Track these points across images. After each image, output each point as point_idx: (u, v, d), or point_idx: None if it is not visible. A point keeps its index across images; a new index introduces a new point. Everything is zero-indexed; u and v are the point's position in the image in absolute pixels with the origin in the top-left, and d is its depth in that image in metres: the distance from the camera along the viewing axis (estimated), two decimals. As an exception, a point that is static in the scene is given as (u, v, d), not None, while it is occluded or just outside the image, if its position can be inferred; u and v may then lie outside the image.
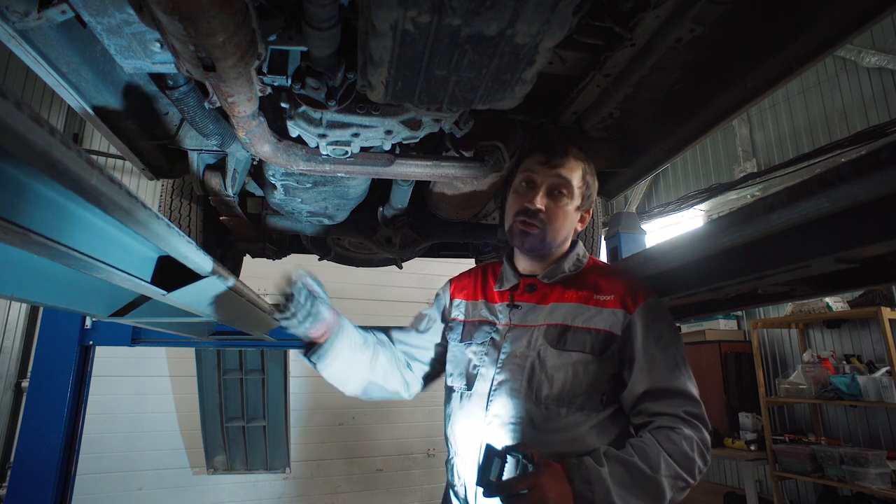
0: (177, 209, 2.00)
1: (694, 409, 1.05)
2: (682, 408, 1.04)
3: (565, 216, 1.18)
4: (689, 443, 1.00)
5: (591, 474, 0.93)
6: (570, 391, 1.08)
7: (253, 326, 1.94)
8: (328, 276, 4.54)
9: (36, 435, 2.00)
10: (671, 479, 0.97)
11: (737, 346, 5.10)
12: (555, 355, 1.10)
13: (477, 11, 0.80)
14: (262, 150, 1.27)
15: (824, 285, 1.21)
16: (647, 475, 0.95)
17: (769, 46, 1.10)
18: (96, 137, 5.25)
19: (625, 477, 0.95)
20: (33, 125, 0.46)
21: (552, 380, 1.09)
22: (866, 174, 0.65)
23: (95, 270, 0.83)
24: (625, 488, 0.94)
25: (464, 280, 1.38)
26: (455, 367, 1.25)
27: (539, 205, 1.15)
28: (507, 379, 1.12)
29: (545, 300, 1.18)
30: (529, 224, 1.16)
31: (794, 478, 4.22)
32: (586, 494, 0.92)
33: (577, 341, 1.10)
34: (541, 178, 1.18)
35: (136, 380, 4.76)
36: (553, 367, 1.09)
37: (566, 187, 1.17)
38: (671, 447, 0.98)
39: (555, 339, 1.12)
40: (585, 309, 1.13)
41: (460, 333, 1.27)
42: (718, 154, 5.75)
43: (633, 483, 0.95)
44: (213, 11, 0.68)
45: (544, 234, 1.16)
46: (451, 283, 1.39)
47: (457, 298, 1.34)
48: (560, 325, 1.13)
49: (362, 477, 5.37)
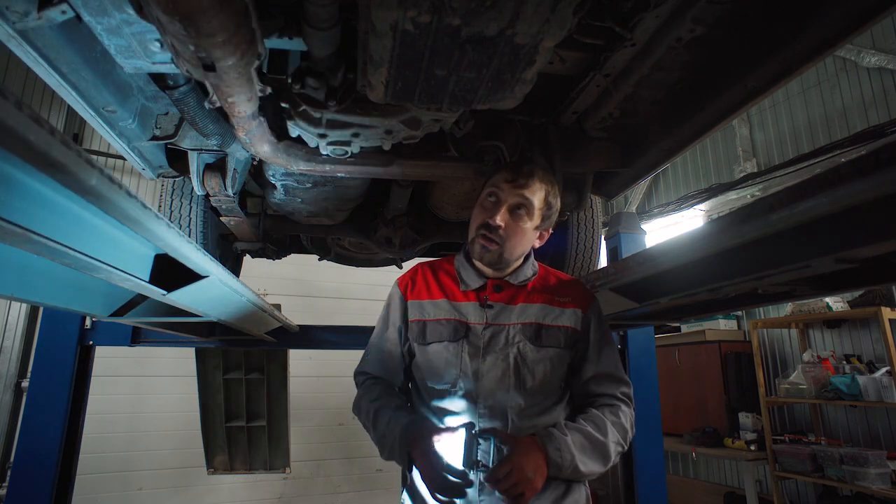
0: (177, 209, 2.00)
1: (628, 391, 1.29)
2: (618, 389, 1.27)
3: (523, 234, 1.25)
4: (626, 417, 1.23)
5: (559, 442, 1.11)
6: (548, 381, 1.24)
7: (253, 326, 1.94)
8: (328, 276, 4.55)
9: (36, 435, 2.00)
10: (615, 445, 1.17)
11: (737, 346, 5.10)
12: (534, 350, 1.23)
13: (477, 11, 0.80)
14: (262, 150, 1.27)
15: (824, 285, 1.21)
16: (600, 441, 1.15)
17: (769, 46, 1.11)
18: (96, 137, 5.25)
19: (584, 443, 1.14)
20: (33, 125, 0.46)
21: (534, 372, 1.22)
22: (866, 174, 0.65)
23: (96, 270, 0.83)
24: (583, 452, 1.13)
25: (414, 282, 1.35)
26: (429, 368, 1.25)
27: (499, 221, 1.22)
28: (494, 374, 1.21)
29: (514, 301, 1.28)
30: (489, 240, 1.23)
31: (794, 478, 4.22)
32: (557, 459, 1.09)
33: (552, 337, 1.25)
34: (504, 196, 1.23)
35: (136, 380, 4.76)
36: (533, 361, 1.23)
37: (527, 207, 1.23)
38: (614, 419, 1.20)
39: (533, 335, 1.24)
40: (552, 309, 1.28)
41: (425, 334, 1.27)
42: (718, 154, 5.75)
43: (590, 447, 1.14)
44: (213, 11, 0.68)
45: (502, 251, 1.24)
46: (400, 287, 1.36)
47: (412, 299, 1.32)
48: (535, 324, 1.25)
49: (362, 477, 5.37)
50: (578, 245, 2.36)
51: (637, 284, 1.49)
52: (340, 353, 5.18)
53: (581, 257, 2.37)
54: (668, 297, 1.43)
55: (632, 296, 1.58)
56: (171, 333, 2.06)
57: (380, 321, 1.38)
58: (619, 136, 1.61)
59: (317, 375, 5.21)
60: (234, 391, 3.18)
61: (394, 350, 1.33)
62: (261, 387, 3.19)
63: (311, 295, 5.41)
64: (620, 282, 1.49)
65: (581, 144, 1.58)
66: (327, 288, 5.48)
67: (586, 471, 1.12)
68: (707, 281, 1.22)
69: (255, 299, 1.54)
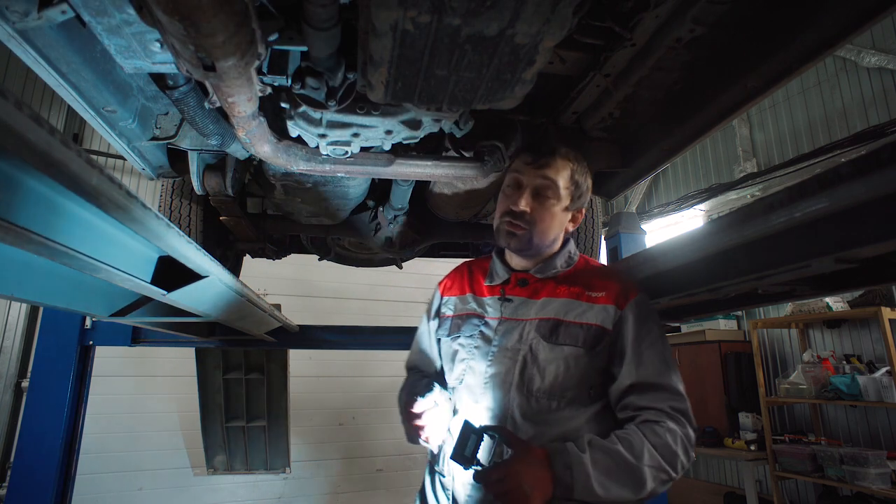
0: (177, 209, 2.00)
1: (679, 405, 1.06)
2: (667, 403, 1.06)
3: (552, 217, 1.18)
4: (674, 436, 1.01)
5: (571, 459, 0.96)
6: (561, 384, 1.10)
7: (253, 326, 1.94)
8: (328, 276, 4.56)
9: (36, 435, 2.00)
10: (654, 470, 0.98)
11: (737, 346, 5.10)
12: (547, 349, 1.12)
13: (477, 11, 0.80)
14: (262, 150, 1.27)
15: (824, 285, 1.21)
16: (630, 463, 0.97)
17: (769, 46, 1.10)
18: (96, 137, 5.24)
19: (608, 464, 0.96)
20: (33, 125, 0.46)
21: (544, 373, 1.10)
22: (866, 174, 0.65)
23: (96, 271, 0.83)
24: (606, 475, 0.95)
25: (452, 278, 1.39)
26: (447, 362, 1.26)
27: (523, 206, 1.15)
28: (499, 372, 1.14)
29: (536, 295, 1.19)
30: (514, 225, 1.16)
31: (794, 478, 4.22)
32: (565, 479, 0.94)
33: (570, 335, 1.12)
34: (527, 180, 1.18)
35: (136, 380, 4.76)
36: (545, 360, 1.11)
37: (551, 188, 1.17)
38: (655, 439, 1.00)
39: (547, 332, 1.13)
40: (577, 304, 1.15)
41: (448, 328, 1.28)
42: (718, 154, 5.75)
43: (616, 470, 0.96)
44: (212, 11, 0.68)
45: (531, 235, 1.17)
46: (440, 284, 1.41)
47: (446, 296, 1.36)
48: (553, 320, 1.14)
49: (362, 477, 5.36)
50: (578, 245, 2.36)
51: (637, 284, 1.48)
52: (340, 353, 5.19)
53: (581, 257, 2.36)
54: (668, 297, 1.43)
55: (632, 296, 1.57)
56: (171, 333, 2.06)
57: (422, 317, 1.42)
58: (619, 136, 1.61)
59: (317, 375, 5.21)
60: (233, 391, 3.19)
61: (428, 344, 1.36)
62: (261, 387, 3.19)
63: (311, 295, 5.40)
64: (620, 282, 1.49)
65: (581, 144, 1.58)
66: (327, 288, 5.47)
67: (607, 496, 0.95)
68: (707, 281, 1.22)
69: (254, 299, 1.54)
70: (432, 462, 1.25)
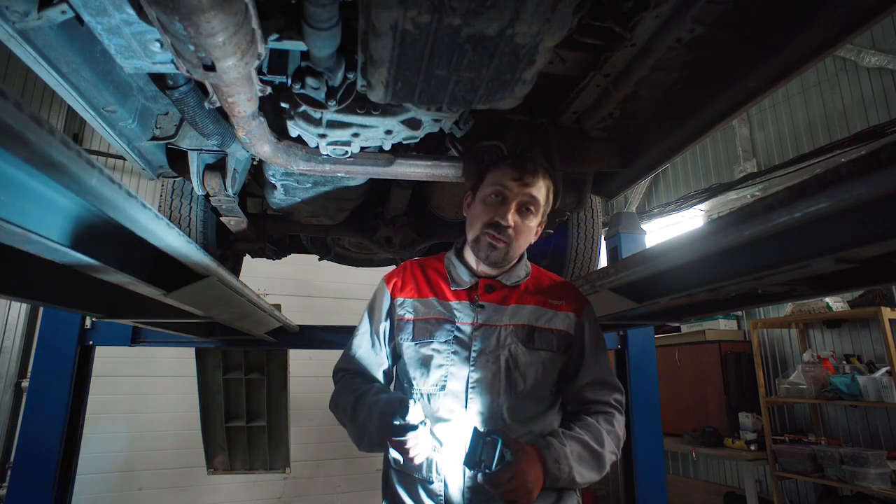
0: (177, 209, 2.00)
1: (621, 398, 1.27)
2: (612, 396, 1.26)
3: (529, 232, 1.25)
4: (619, 424, 1.22)
5: (558, 453, 1.09)
6: (539, 385, 1.22)
7: (253, 326, 1.94)
8: (328, 276, 4.54)
9: (36, 435, 2.00)
10: (611, 455, 1.17)
11: (737, 346, 5.10)
12: (526, 353, 1.21)
13: (477, 11, 0.80)
14: (262, 150, 1.27)
15: (824, 285, 1.21)
16: (596, 451, 1.14)
17: (769, 46, 1.10)
18: (96, 137, 5.25)
19: (581, 453, 1.12)
20: (33, 125, 0.46)
21: (525, 376, 1.20)
22: (866, 174, 0.65)
23: (96, 270, 0.83)
24: (580, 463, 1.11)
25: (402, 279, 1.33)
26: (417, 368, 1.23)
27: (511, 221, 1.19)
28: (485, 377, 1.18)
29: (506, 302, 1.26)
30: (497, 238, 1.20)
31: (794, 478, 4.22)
32: (554, 472, 1.08)
33: (544, 340, 1.23)
34: (512, 195, 1.20)
35: (136, 380, 4.76)
36: (525, 364, 1.20)
37: (534, 205, 1.22)
38: (609, 428, 1.19)
39: (525, 338, 1.22)
40: (545, 311, 1.26)
41: (412, 333, 1.25)
42: (718, 154, 5.75)
43: (588, 458, 1.13)
44: (213, 11, 0.68)
45: (509, 250, 1.22)
46: (388, 284, 1.33)
47: (400, 297, 1.30)
48: (527, 326, 1.23)
49: (362, 477, 5.37)
50: (578, 245, 2.36)
51: (637, 284, 1.48)
52: (340, 353, 5.18)
53: (581, 257, 2.36)
54: (668, 297, 1.43)
55: (632, 296, 1.58)
56: (171, 333, 2.06)
57: (363, 318, 1.34)
58: (619, 136, 1.60)
59: (317, 375, 5.21)
60: (234, 391, 3.18)
61: (377, 348, 1.30)
62: (261, 387, 3.19)
63: (311, 295, 5.41)
64: (620, 282, 1.49)
65: (581, 144, 1.58)
66: (327, 288, 5.48)
67: (582, 481, 1.12)
68: (707, 281, 1.22)
69: (255, 299, 1.54)
70: (405, 471, 1.21)
